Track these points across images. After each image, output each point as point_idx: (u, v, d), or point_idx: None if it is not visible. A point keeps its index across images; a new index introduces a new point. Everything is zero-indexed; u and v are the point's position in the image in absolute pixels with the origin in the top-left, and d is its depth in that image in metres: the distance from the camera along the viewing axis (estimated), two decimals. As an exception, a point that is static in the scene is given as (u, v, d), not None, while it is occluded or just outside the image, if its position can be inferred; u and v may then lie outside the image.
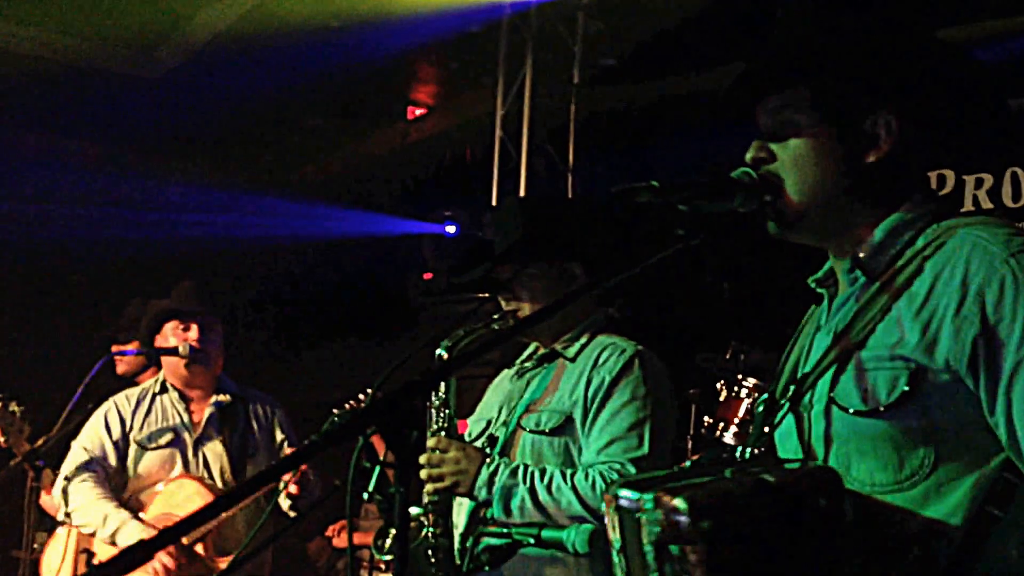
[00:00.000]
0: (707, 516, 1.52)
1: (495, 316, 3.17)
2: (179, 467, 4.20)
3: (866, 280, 1.78)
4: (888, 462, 1.69)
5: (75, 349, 5.72)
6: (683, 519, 1.51)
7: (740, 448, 1.77)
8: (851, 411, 1.71)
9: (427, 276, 7.86)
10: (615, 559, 1.67)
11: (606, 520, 1.69)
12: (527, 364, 3.28)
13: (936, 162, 1.89)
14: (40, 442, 4.44)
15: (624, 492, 1.62)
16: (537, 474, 2.97)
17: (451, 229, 7.65)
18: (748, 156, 1.83)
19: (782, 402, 1.83)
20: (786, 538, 1.54)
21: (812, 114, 1.79)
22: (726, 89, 1.87)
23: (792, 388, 1.83)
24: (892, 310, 1.71)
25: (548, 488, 2.94)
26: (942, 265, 1.68)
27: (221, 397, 4.36)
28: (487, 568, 2.37)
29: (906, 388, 1.65)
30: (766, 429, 1.82)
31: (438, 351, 3.16)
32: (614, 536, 1.66)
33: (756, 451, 1.76)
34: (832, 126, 1.78)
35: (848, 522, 1.59)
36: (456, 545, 3.06)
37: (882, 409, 1.67)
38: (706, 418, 5.10)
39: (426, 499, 3.03)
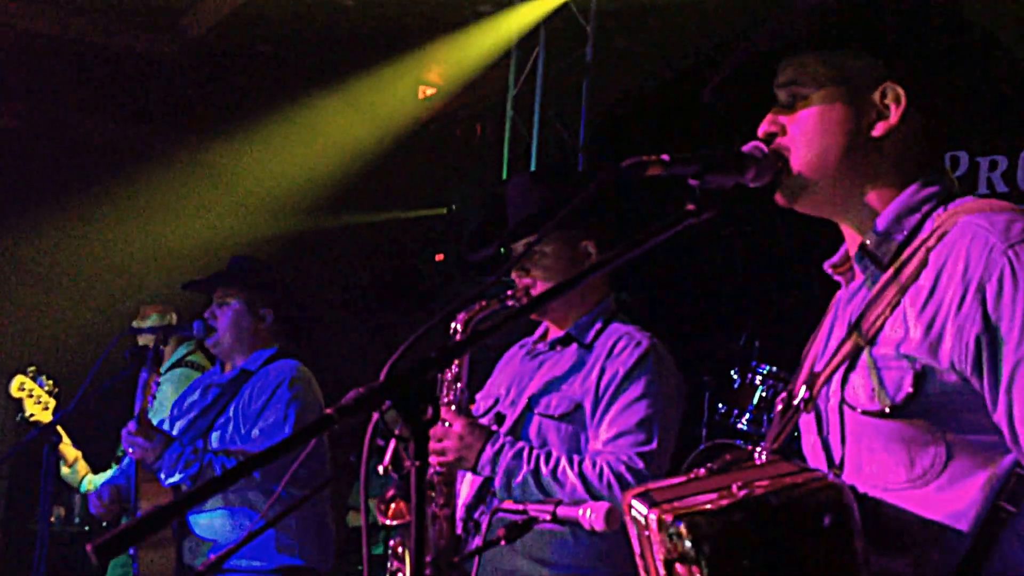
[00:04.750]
0: (708, 541, 1.53)
1: (508, 292, 3.18)
2: None
3: (876, 269, 1.75)
4: (899, 461, 1.68)
5: (98, 323, 5.78)
6: (686, 543, 1.53)
7: (759, 448, 1.77)
8: (859, 411, 1.70)
9: (439, 257, 7.87)
10: (638, 561, 1.69)
11: (627, 525, 1.70)
12: (539, 346, 3.29)
13: (950, 141, 1.86)
14: (59, 413, 4.47)
15: (636, 504, 1.63)
16: (542, 457, 2.99)
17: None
18: (760, 130, 1.83)
19: (796, 401, 1.81)
20: (790, 559, 1.55)
21: (821, 85, 1.78)
22: (734, 58, 1.86)
23: (806, 387, 1.82)
24: (900, 305, 1.69)
25: (552, 472, 2.97)
26: (944, 257, 1.66)
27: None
28: (502, 543, 2.39)
29: (911, 389, 1.64)
30: (784, 432, 1.81)
31: (453, 325, 3.18)
32: (634, 541, 1.67)
33: (772, 452, 1.76)
34: (840, 97, 1.77)
35: (857, 534, 1.57)
36: (460, 515, 3.10)
37: (888, 410, 1.66)
38: (720, 405, 5.09)
39: (431, 469, 3.05)
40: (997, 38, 1.78)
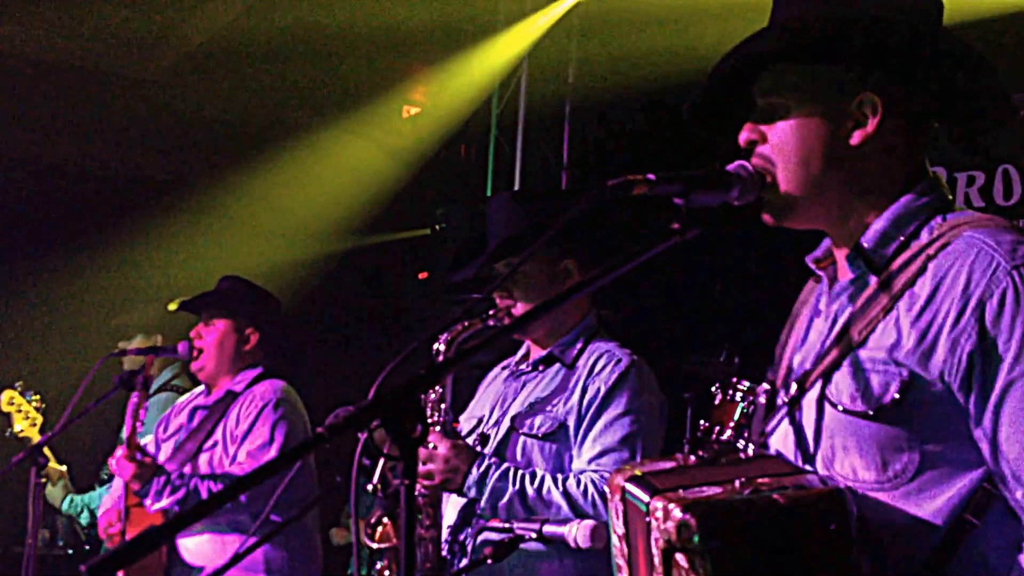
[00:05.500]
0: (718, 535, 1.54)
1: (490, 313, 3.20)
2: None
3: (869, 270, 1.78)
4: (872, 461, 1.70)
5: (85, 344, 5.76)
6: (694, 536, 1.54)
7: (744, 441, 1.79)
8: (840, 408, 1.72)
9: (422, 275, 7.87)
10: (614, 542, 1.69)
11: (610, 505, 1.71)
12: (522, 366, 3.30)
13: (929, 151, 1.89)
14: (45, 436, 4.46)
15: (634, 489, 1.63)
16: (527, 477, 3.01)
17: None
18: (741, 137, 1.85)
19: (783, 396, 1.84)
20: (794, 561, 1.56)
21: (799, 95, 1.80)
22: (713, 75, 1.88)
23: (790, 379, 1.84)
24: (894, 310, 1.71)
25: (538, 492, 2.98)
26: (945, 269, 1.68)
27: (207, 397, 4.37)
28: (489, 562, 2.40)
29: (896, 395, 1.66)
30: (769, 427, 1.83)
31: (436, 346, 3.19)
32: (617, 522, 1.68)
33: (759, 445, 1.78)
34: (817, 107, 1.79)
35: (855, 540, 1.60)
36: (445, 537, 3.10)
37: (871, 413, 1.68)
38: (701, 421, 5.10)
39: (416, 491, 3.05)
40: (971, 46, 1.79)
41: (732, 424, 5.24)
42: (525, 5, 7.03)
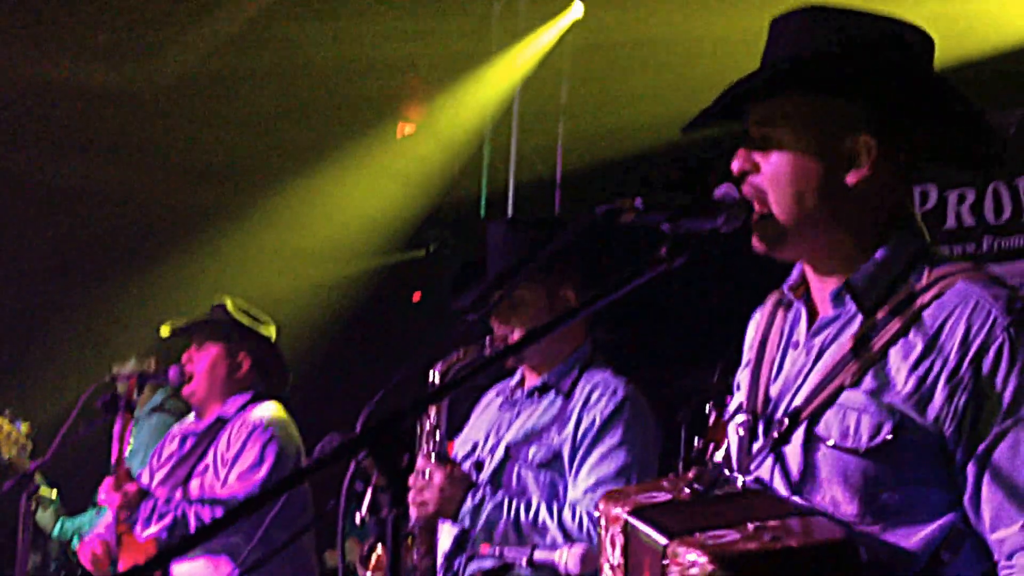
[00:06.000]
0: None
1: (487, 339, 3.19)
2: None
3: (858, 310, 1.80)
4: (855, 496, 1.73)
5: (77, 368, 5.74)
6: None
7: (732, 471, 1.79)
8: (830, 444, 1.75)
9: (416, 297, 7.88)
10: (606, 572, 1.69)
11: (604, 533, 1.70)
12: (517, 393, 3.30)
13: (919, 176, 1.91)
14: (36, 463, 4.45)
15: (644, 528, 1.64)
16: (523, 507, 3.01)
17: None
18: (733, 166, 1.85)
19: (763, 425, 1.86)
20: None
21: (795, 130, 1.80)
22: (715, 99, 1.89)
23: (770, 410, 1.86)
24: (887, 354, 1.74)
25: (533, 522, 2.98)
26: (943, 319, 1.72)
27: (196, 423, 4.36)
28: (480, 589, 2.40)
29: (889, 437, 1.70)
30: (756, 459, 1.84)
31: (431, 375, 3.17)
32: (612, 552, 1.67)
33: (745, 472, 1.79)
34: (812, 142, 1.80)
35: None
36: (440, 563, 3.09)
37: (862, 450, 1.72)
38: (696, 440, 5.10)
39: (412, 520, 3.05)
40: (957, 88, 1.81)
41: (727, 442, 5.23)
42: (518, 27, 7.05)
